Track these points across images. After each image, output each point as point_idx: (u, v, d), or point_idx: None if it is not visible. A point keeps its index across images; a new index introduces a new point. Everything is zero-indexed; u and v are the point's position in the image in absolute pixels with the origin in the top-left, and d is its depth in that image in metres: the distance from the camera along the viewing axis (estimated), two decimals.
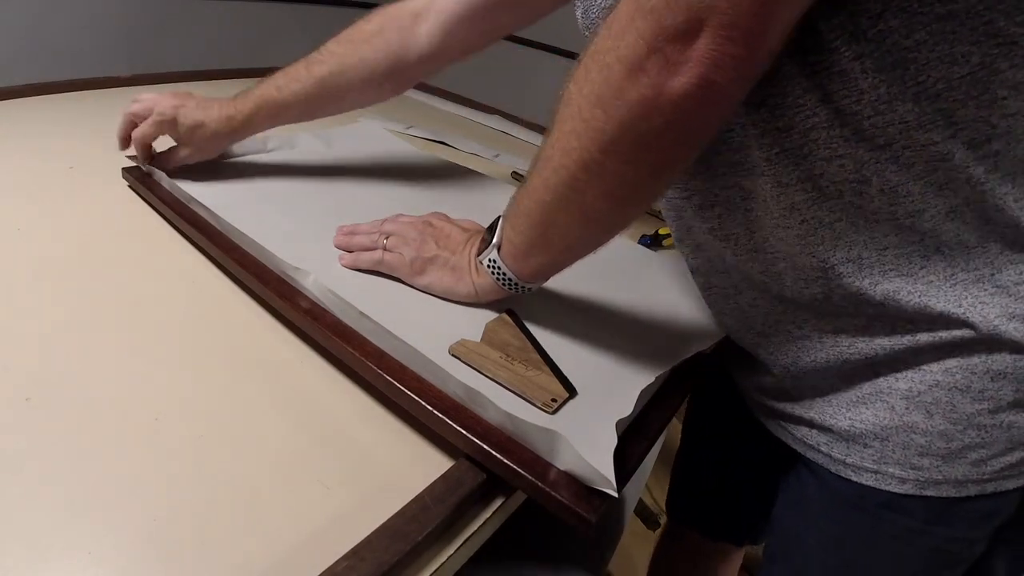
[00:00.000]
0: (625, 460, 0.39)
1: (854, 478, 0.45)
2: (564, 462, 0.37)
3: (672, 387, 0.49)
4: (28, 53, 1.53)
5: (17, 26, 1.50)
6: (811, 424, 0.48)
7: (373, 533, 0.33)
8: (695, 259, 0.51)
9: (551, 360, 0.45)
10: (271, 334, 0.49)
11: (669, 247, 0.75)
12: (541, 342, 0.47)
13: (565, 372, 0.44)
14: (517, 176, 0.89)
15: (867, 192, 0.37)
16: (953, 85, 0.32)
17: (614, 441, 0.38)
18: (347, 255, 0.54)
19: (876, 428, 0.43)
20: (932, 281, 0.38)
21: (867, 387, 0.44)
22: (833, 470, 0.47)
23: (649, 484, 1.42)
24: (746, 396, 0.58)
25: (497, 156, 0.96)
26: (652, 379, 0.45)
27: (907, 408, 0.42)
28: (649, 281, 0.62)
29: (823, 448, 0.47)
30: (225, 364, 0.45)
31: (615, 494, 0.35)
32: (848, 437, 0.45)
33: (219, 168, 0.69)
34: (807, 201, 0.38)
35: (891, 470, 0.43)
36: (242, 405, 0.42)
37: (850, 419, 0.45)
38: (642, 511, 1.38)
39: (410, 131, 0.97)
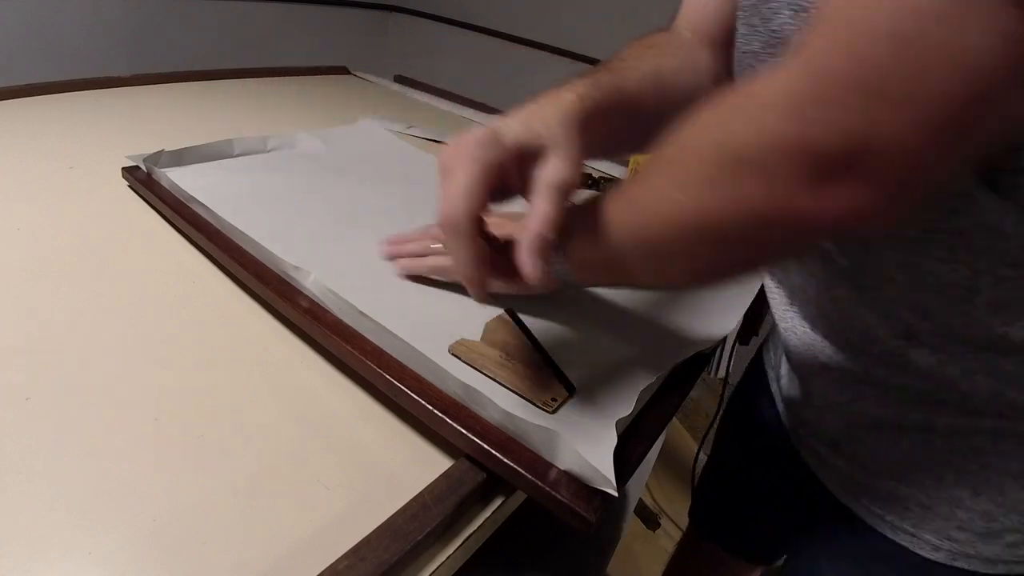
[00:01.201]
0: (625, 460, 0.39)
1: (889, 535, 0.45)
2: (564, 462, 0.37)
3: (672, 387, 0.49)
4: (28, 53, 1.53)
5: (17, 26, 1.50)
6: (851, 475, 0.47)
7: (373, 532, 0.33)
8: (791, 275, 0.49)
9: (551, 359, 0.45)
10: (271, 334, 0.49)
11: None
12: (541, 342, 0.47)
13: (565, 372, 0.44)
14: None
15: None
16: None
17: (614, 441, 0.38)
18: (403, 261, 0.52)
19: (920, 495, 0.43)
20: (1010, 371, 0.37)
21: (917, 452, 0.43)
22: (869, 522, 0.46)
23: (649, 484, 1.42)
24: (787, 422, 0.56)
25: None
26: (652, 379, 0.45)
27: (956, 482, 0.41)
28: None
29: (862, 499, 0.47)
30: (225, 364, 0.45)
31: (615, 494, 0.35)
32: (890, 496, 0.44)
33: (218, 167, 0.69)
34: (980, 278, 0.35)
35: (927, 537, 0.43)
36: (242, 405, 0.42)
37: (895, 480, 0.44)
38: (642, 511, 1.38)
39: (410, 131, 0.97)
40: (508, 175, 0.37)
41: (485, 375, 0.43)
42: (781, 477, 0.61)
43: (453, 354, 0.44)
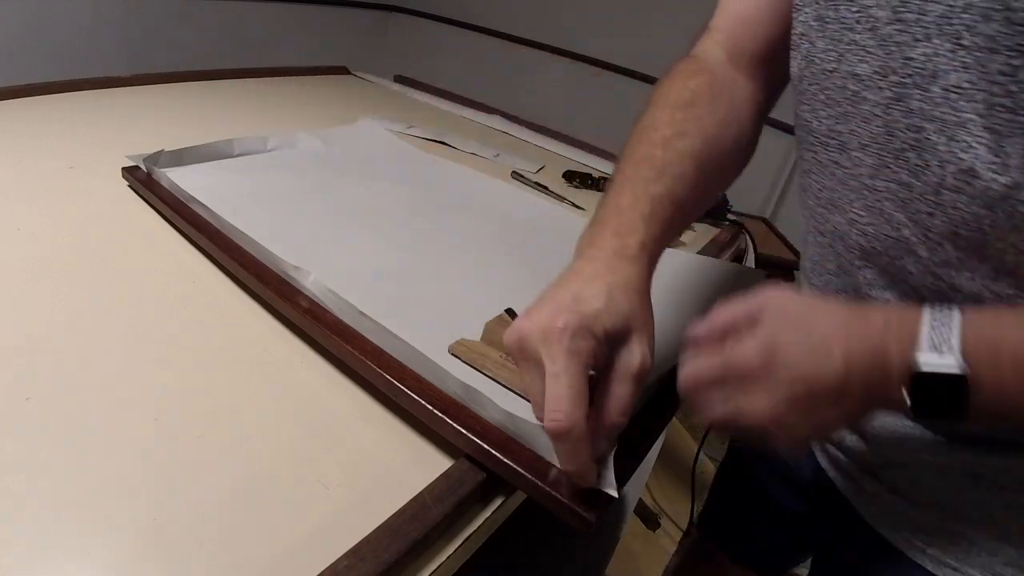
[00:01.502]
0: (625, 460, 0.39)
1: (930, 567, 0.44)
2: None
3: (672, 387, 0.49)
4: (28, 53, 1.54)
5: (17, 26, 1.50)
6: (892, 505, 0.46)
7: (373, 532, 0.33)
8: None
9: None
10: (271, 334, 0.49)
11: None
12: None
13: None
14: (517, 176, 0.89)
15: None
16: None
17: (614, 441, 0.38)
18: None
19: (967, 528, 0.42)
20: None
21: (965, 486, 0.42)
22: (908, 553, 0.45)
23: (649, 484, 1.42)
24: (816, 448, 0.55)
25: (497, 156, 0.96)
26: (652, 379, 0.45)
27: (1005, 517, 0.41)
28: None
29: (903, 530, 0.46)
30: (225, 364, 0.45)
31: (615, 494, 0.35)
32: (934, 529, 0.44)
33: (218, 167, 0.69)
34: None
35: (972, 572, 0.42)
36: (242, 405, 0.42)
37: (940, 513, 0.43)
38: (642, 511, 1.38)
39: (410, 131, 0.97)
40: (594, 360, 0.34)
41: (485, 375, 0.43)
42: (798, 490, 0.60)
43: (453, 354, 0.44)
